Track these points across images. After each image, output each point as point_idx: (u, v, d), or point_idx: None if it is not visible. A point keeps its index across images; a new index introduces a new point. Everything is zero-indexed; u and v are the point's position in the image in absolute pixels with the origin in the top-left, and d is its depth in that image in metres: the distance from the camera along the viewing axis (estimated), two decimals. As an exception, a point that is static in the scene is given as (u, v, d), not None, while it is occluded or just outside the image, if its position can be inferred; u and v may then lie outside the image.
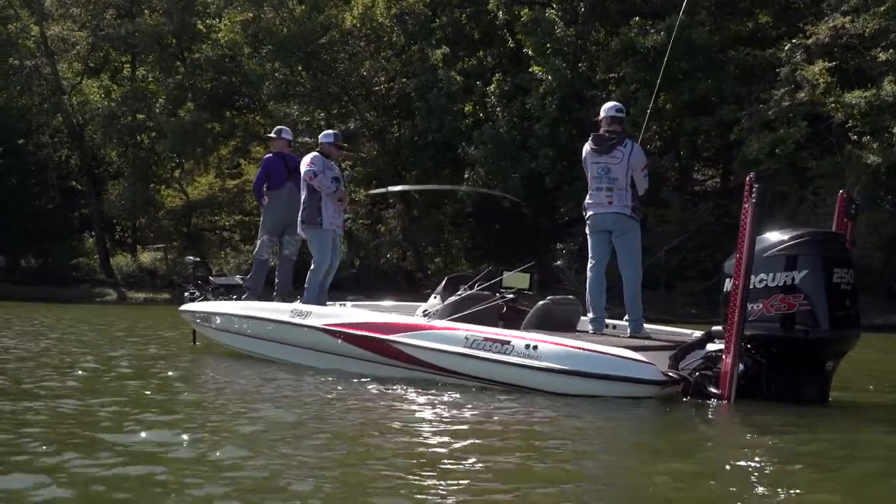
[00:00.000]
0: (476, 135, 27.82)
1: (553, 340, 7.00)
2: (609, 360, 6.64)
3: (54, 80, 38.73)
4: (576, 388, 6.67)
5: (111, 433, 5.02)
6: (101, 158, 40.08)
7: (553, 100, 26.49)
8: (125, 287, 36.52)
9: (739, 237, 6.55)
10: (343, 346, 8.16)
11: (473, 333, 7.26)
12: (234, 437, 5.04)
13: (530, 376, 6.85)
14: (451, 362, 7.32)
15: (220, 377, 8.09)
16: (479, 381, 7.17)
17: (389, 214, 33.72)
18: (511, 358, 6.93)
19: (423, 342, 7.51)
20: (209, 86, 35.10)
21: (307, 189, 9.52)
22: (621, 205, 8.14)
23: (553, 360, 6.76)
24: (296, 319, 8.70)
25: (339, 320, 8.34)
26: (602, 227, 8.21)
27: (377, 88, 32.59)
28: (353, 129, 33.03)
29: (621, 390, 6.57)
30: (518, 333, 7.32)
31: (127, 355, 9.73)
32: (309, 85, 32.68)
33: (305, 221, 9.53)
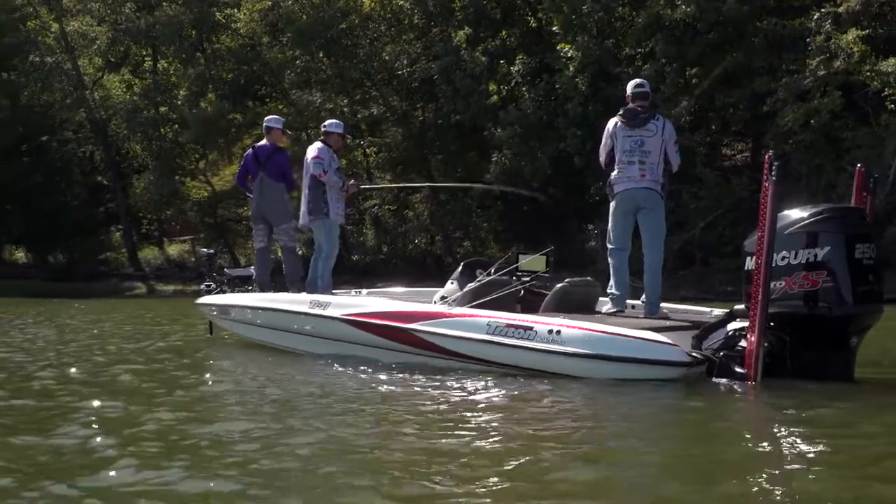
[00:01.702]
0: (502, 116, 27.84)
1: (576, 325, 7.09)
2: (633, 343, 6.75)
3: (76, 75, 39.17)
4: (600, 371, 6.78)
5: None
6: (125, 152, 40.46)
7: (584, 78, 26.46)
8: (154, 280, 36.98)
9: (760, 215, 6.65)
10: (364, 336, 8.26)
11: (495, 320, 7.38)
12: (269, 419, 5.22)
13: (554, 361, 6.95)
14: (474, 349, 7.43)
15: (253, 371, 8.21)
16: (503, 368, 7.28)
17: (416, 199, 33.88)
18: (534, 343, 7.04)
19: (445, 330, 7.62)
20: (230, 76, 35.36)
21: (311, 180, 9.63)
22: (653, 180, 8.16)
23: (576, 345, 6.87)
24: (316, 310, 8.82)
25: (359, 310, 8.46)
26: (632, 203, 8.16)
27: (399, 72, 32.64)
28: (375, 114, 33.22)
29: (646, 373, 6.67)
30: (540, 319, 7.43)
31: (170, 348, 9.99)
32: (330, 71, 32.83)
33: (312, 213, 9.69)
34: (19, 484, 4.00)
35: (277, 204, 10.52)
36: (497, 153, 28.55)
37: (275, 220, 10.53)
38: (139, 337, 11.76)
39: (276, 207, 10.50)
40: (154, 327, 13.77)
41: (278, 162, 10.53)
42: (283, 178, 10.55)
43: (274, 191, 10.47)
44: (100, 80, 40.21)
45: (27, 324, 14.92)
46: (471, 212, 32.22)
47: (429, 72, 31.04)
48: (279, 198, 10.54)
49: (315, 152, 9.71)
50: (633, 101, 8.38)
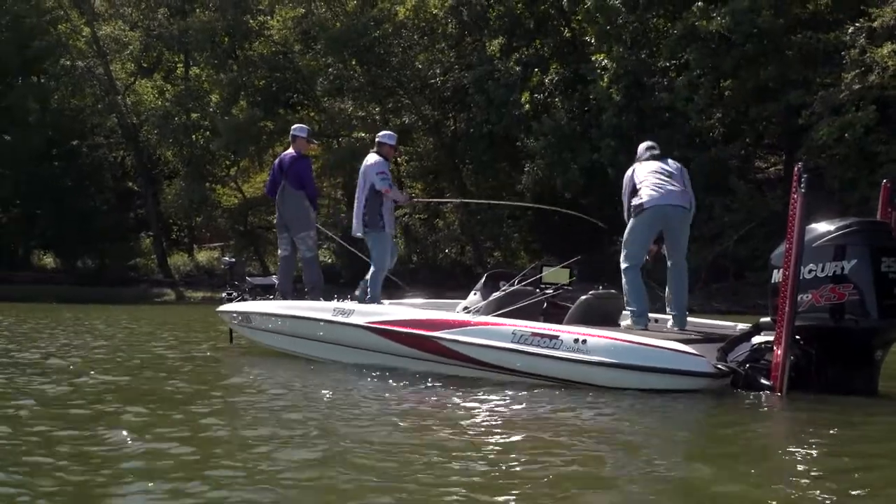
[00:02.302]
0: (535, 126, 28.05)
1: (602, 334, 7.19)
2: (659, 353, 6.84)
3: (107, 80, 39.69)
4: (625, 381, 6.88)
5: None
6: (156, 158, 40.88)
7: (618, 88, 26.64)
8: (183, 286, 37.32)
9: (788, 227, 6.76)
10: (388, 344, 8.33)
11: (521, 329, 7.44)
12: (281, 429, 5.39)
13: (579, 370, 7.04)
14: (498, 358, 7.49)
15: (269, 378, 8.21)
16: (528, 377, 7.36)
17: (447, 209, 34.14)
18: (560, 352, 7.12)
19: (469, 338, 7.67)
20: (262, 83, 35.73)
21: (369, 192, 9.69)
22: (684, 193, 8.13)
23: (602, 354, 6.95)
24: (339, 318, 8.86)
25: (383, 318, 8.50)
26: (663, 222, 8.09)
27: (432, 81, 32.97)
28: (407, 122, 33.52)
29: (672, 383, 6.78)
30: (566, 328, 7.47)
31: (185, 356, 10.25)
32: (363, 79, 33.18)
33: (368, 225, 9.70)
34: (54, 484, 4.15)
35: (297, 212, 10.66)
36: (529, 163, 28.75)
37: (294, 228, 10.64)
38: (158, 343, 11.91)
39: (295, 215, 10.65)
40: (178, 333, 13.90)
41: (298, 170, 10.67)
42: (301, 186, 10.68)
43: (293, 199, 10.62)
44: (131, 85, 40.73)
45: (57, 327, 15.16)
46: (501, 222, 32.40)
47: (461, 81, 31.34)
48: (299, 206, 10.66)
49: (379, 167, 9.77)
50: None
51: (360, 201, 9.77)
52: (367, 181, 9.74)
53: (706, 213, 24.52)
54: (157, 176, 41.67)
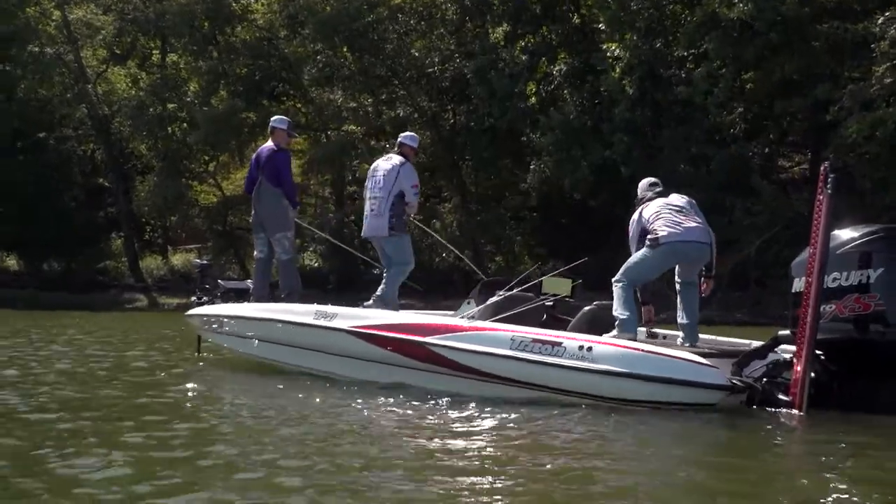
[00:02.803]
0: (542, 120, 28.10)
1: (609, 341, 7.26)
2: (671, 363, 6.88)
3: (77, 68, 39.59)
4: (634, 392, 6.94)
5: None
6: (128, 152, 40.81)
7: (631, 80, 26.70)
8: (156, 292, 37.25)
9: (812, 232, 6.81)
10: (374, 350, 8.31)
11: (520, 334, 7.46)
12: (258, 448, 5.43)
13: (584, 380, 7.07)
14: (495, 366, 7.49)
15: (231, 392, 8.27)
16: (527, 387, 7.37)
17: (444, 209, 34.15)
18: (563, 360, 7.13)
19: (464, 344, 7.68)
20: (244, 71, 35.69)
21: (397, 195, 9.79)
22: (702, 228, 8.13)
23: (609, 362, 6.97)
24: (321, 321, 8.82)
25: (369, 322, 8.48)
26: (682, 258, 8.12)
27: (430, 70, 33.01)
28: (402, 115, 33.55)
29: (683, 395, 6.83)
30: (570, 334, 7.53)
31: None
32: (354, 68, 33.23)
33: (395, 228, 9.79)
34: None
35: (274, 210, 10.60)
36: (535, 160, 28.80)
37: (271, 228, 10.63)
38: (125, 353, 11.94)
39: (272, 214, 10.63)
40: (147, 343, 13.94)
41: (276, 164, 10.66)
42: (279, 182, 10.61)
43: (270, 196, 10.60)
44: (103, 73, 40.65)
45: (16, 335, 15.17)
46: (504, 223, 32.44)
47: (462, 70, 31.36)
48: (276, 204, 10.61)
49: (414, 178, 9.92)
50: None
51: (383, 202, 9.78)
52: (396, 185, 9.81)
53: (726, 215, 24.56)
54: (129, 171, 41.53)
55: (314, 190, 38.36)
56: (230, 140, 35.16)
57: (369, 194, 9.96)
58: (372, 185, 9.95)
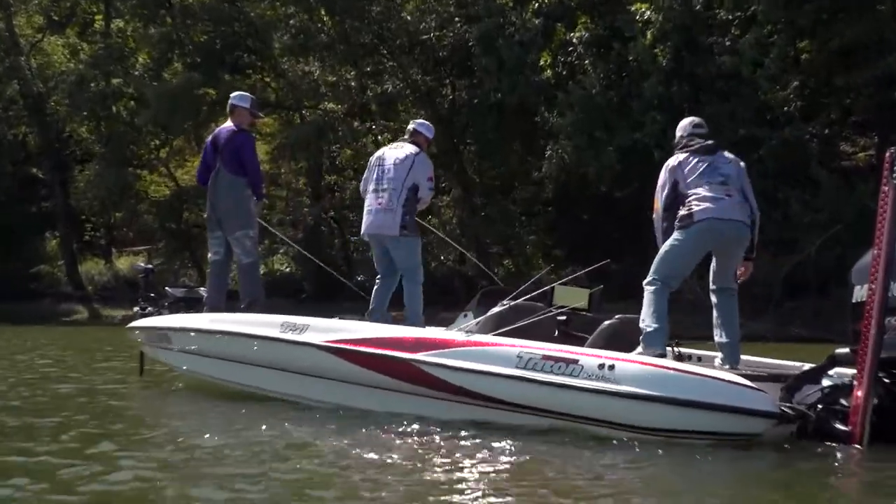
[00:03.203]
0: (559, 97, 27.99)
1: (634, 359, 7.14)
2: (709, 385, 6.77)
3: (9, 37, 39.67)
4: (664, 420, 6.82)
5: None
6: (66, 136, 40.87)
7: (665, 48, 26.56)
8: (98, 302, 37.27)
9: (877, 230, 6.73)
10: (351, 369, 8.30)
11: (528, 350, 7.39)
12: None
13: (605, 405, 6.98)
14: (498, 388, 7.44)
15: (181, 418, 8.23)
16: (536, 413, 7.32)
17: (443, 203, 34.03)
18: (580, 381, 7.04)
19: (461, 362, 7.63)
20: (203, 39, 35.71)
21: (410, 189, 9.83)
22: (743, 207, 8.09)
23: (635, 384, 6.87)
24: (288, 335, 8.81)
25: (346, 335, 8.47)
26: (717, 239, 8.06)
27: (425, 37, 32.91)
28: (391, 90, 33.41)
29: (723, 424, 6.71)
30: (588, 350, 7.46)
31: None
32: (334, 34, 33.12)
33: (407, 228, 9.81)
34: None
35: (234, 203, 10.55)
36: (551, 144, 28.63)
37: (230, 225, 10.58)
38: (54, 373, 11.96)
39: (232, 208, 10.55)
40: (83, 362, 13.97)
41: (237, 147, 10.57)
42: (241, 168, 10.57)
43: (230, 186, 10.51)
44: (38, 43, 40.77)
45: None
46: (513, 220, 32.33)
47: (463, 37, 31.25)
48: (237, 195, 10.55)
49: (430, 170, 10.05)
50: (692, 141, 8.42)
51: (395, 195, 9.80)
52: (410, 177, 9.85)
53: (780, 210, 24.33)
54: (67, 159, 41.66)
55: (286, 180, 38.27)
56: (185, 121, 35.13)
57: (375, 186, 9.92)
58: (378, 176, 9.93)
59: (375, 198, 9.87)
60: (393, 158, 9.92)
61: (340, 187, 35.72)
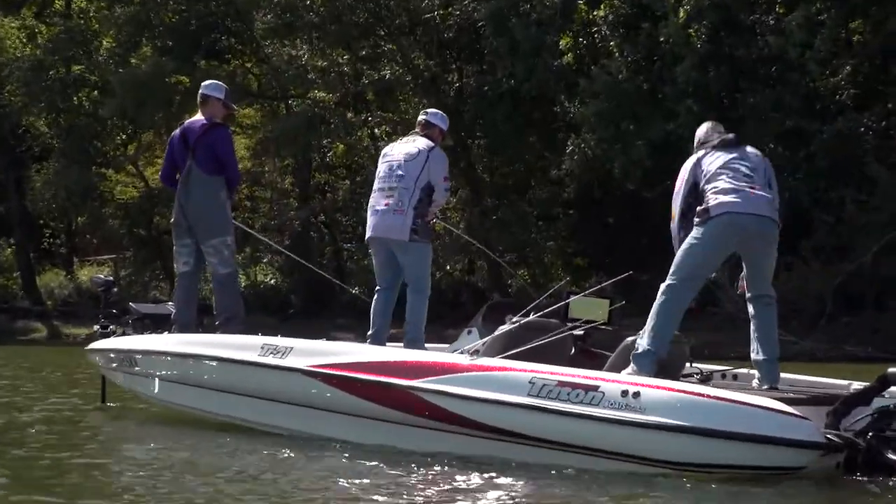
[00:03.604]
0: (582, 83, 28.03)
1: (661, 384, 7.15)
2: (746, 413, 6.77)
3: (-45, 20, 39.60)
4: (695, 453, 6.85)
5: None
6: (22, 131, 40.76)
7: (701, 28, 26.59)
8: (58, 319, 37.16)
9: None
10: (341, 397, 8.32)
11: (542, 376, 7.38)
12: None
13: (629, 437, 6.99)
14: (507, 419, 7.46)
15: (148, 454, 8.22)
16: (551, 447, 7.34)
17: (449, 204, 33.99)
18: (601, 410, 7.04)
19: (464, 389, 7.64)
20: (175, 20, 35.73)
21: (423, 189, 9.84)
22: (768, 200, 8.15)
23: (664, 413, 6.88)
24: (269, 358, 8.79)
25: (334, 359, 8.46)
26: (739, 234, 8.11)
27: (428, 16, 32.93)
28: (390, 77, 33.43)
29: (763, 457, 6.73)
30: (609, 375, 7.50)
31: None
32: (324, 12, 33.08)
33: (419, 233, 9.78)
34: None
35: (208, 207, 10.49)
36: (572, 138, 28.67)
37: (203, 231, 10.50)
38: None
39: (205, 212, 10.48)
40: (38, 386, 14.02)
41: (212, 143, 10.51)
42: (218, 166, 10.53)
43: (204, 187, 10.45)
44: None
45: None
46: (529, 224, 32.32)
47: (472, 16, 31.23)
48: (211, 198, 10.49)
49: (446, 169, 10.04)
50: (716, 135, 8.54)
51: (406, 196, 9.76)
52: (423, 175, 9.82)
53: (832, 212, 24.36)
54: (22, 156, 41.56)
55: (269, 180, 38.24)
56: (156, 113, 35.08)
57: (381, 184, 9.90)
58: (387, 173, 9.90)
59: (382, 197, 9.83)
60: (404, 154, 9.89)
61: (332, 187, 35.68)
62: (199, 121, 10.64)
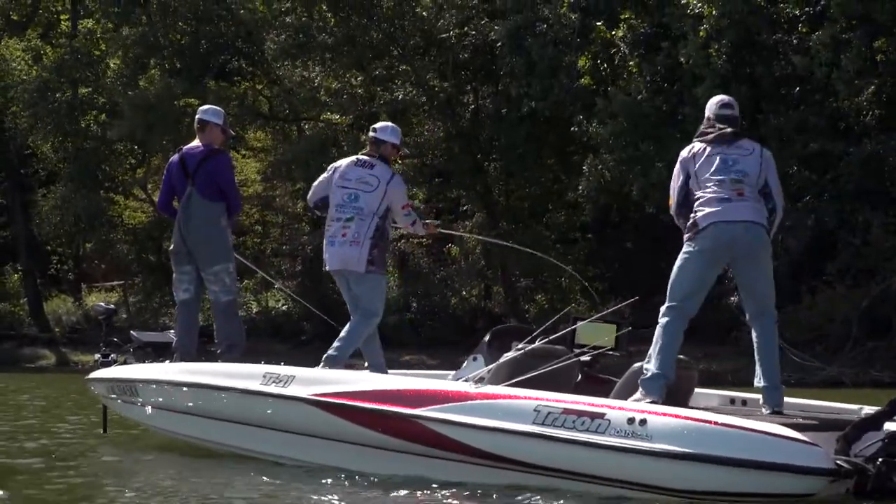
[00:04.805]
0: (599, 103, 28.00)
1: (668, 412, 7.18)
2: (754, 439, 6.82)
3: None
4: (703, 481, 6.87)
5: None
6: (27, 154, 40.98)
7: (721, 47, 26.54)
8: (67, 346, 37.21)
9: None
10: (344, 427, 8.38)
11: (548, 403, 7.44)
12: None
13: (636, 465, 7.02)
14: (513, 448, 7.49)
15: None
16: (557, 475, 7.36)
17: (464, 228, 33.99)
18: (607, 438, 7.08)
19: (470, 418, 7.68)
20: (184, 41, 35.84)
21: (384, 219, 9.97)
22: (756, 208, 8.21)
23: (671, 441, 6.91)
24: (272, 387, 8.85)
25: (338, 388, 8.52)
26: (726, 243, 8.17)
27: (443, 36, 32.91)
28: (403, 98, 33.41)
29: (772, 484, 6.74)
30: (615, 402, 7.54)
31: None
32: (338, 33, 33.17)
33: (375, 263, 9.89)
34: None
35: (208, 234, 10.60)
36: (590, 159, 28.62)
37: (204, 258, 10.60)
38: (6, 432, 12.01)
39: (205, 239, 10.59)
40: (42, 416, 14.07)
41: (213, 170, 10.63)
42: (219, 193, 10.65)
43: (204, 214, 10.55)
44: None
45: None
46: (547, 248, 32.17)
47: (488, 36, 31.25)
48: (211, 225, 10.60)
49: (404, 194, 10.15)
50: (717, 122, 8.50)
51: (363, 226, 9.88)
52: (383, 206, 9.97)
53: (859, 234, 24.26)
54: (28, 180, 41.72)
55: (281, 204, 38.20)
56: (164, 136, 34.91)
57: (340, 214, 10.02)
58: (344, 202, 10.03)
59: (340, 227, 9.95)
60: (360, 181, 10.00)
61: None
62: (197, 147, 10.74)
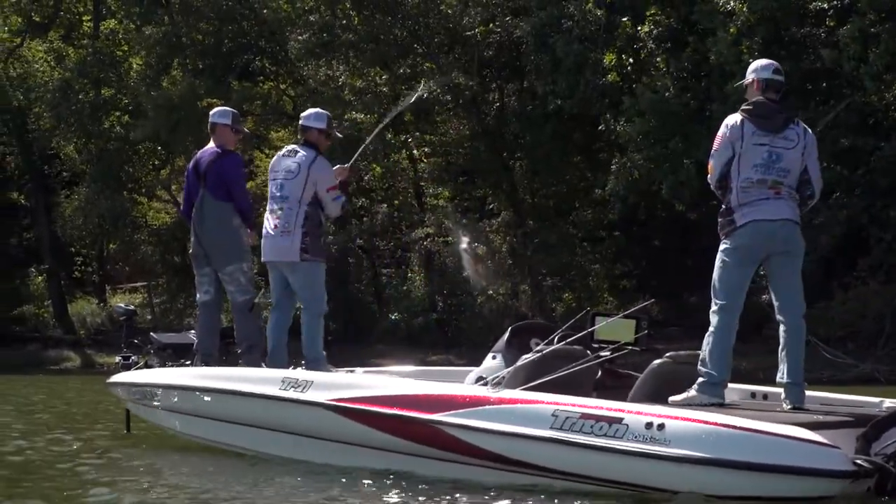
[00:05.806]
0: (626, 101, 27.99)
1: (687, 416, 7.17)
2: (775, 444, 6.79)
3: (-17, 43, 39.96)
4: (723, 486, 6.87)
5: None
6: (51, 155, 41.03)
7: (751, 43, 26.48)
8: (91, 348, 37.38)
9: None
10: (362, 431, 8.44)
11: (565, 408, 7.45)
12: None
13: (655, 470, 7.04)
14: (530, 453, 7.51)
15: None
16: (576, 480, 7.38)
17: (490, 227, 33.98)
18: (625, 443, 7.09)
19: (487, 423, 7.70)
20: (208, 40, 35.95)
21: (313, 206, 10.07)
22: (791, 206, 8.28)
23: (690, 445, 6.91)
24: (290, 392, 8.92)
25: (355, 393, 8.59)
26: (764, 243, 8.24)
27: (468, 34, 32.93)
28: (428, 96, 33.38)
29: (792, 488, 6.75)
30: (633, 407, 7.51)
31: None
32: (362, 31, 33.23)
33: (309, 251, 10.00)
34: None
35: (221, 234, 10.69)
36: (617, 157, 28.61)
37: (218, 259, 10.74)
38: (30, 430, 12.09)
39: (218, 239, 10.69)
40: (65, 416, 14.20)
41: (222, 170, 10.73)
42: (229, 194, 10.72)
43: (216, 214, 10.68)
44: (17, 49, 40.94)
45: None
46: (574, 246, 32.20)
47: (513, 33, 31.30)
48: (224, 224, 10.69)
49: (330, 169, 10.19)
50: (764, 92, 8.44)
51: (292, 214, 10.02)
52: (308, 190, 10.07)
53: (891, 230, 24.19)
54: (52, 182, 41.83)
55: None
56: (188, 136, 34.92)
57: (272, 205, 10.22)
58: (273, 193, 10.21)
59: (272, 218, 10.13)
60: (286, 170, 10.18)
61: (369, 211, 35.65)
62: (209, 150, 10.89)
